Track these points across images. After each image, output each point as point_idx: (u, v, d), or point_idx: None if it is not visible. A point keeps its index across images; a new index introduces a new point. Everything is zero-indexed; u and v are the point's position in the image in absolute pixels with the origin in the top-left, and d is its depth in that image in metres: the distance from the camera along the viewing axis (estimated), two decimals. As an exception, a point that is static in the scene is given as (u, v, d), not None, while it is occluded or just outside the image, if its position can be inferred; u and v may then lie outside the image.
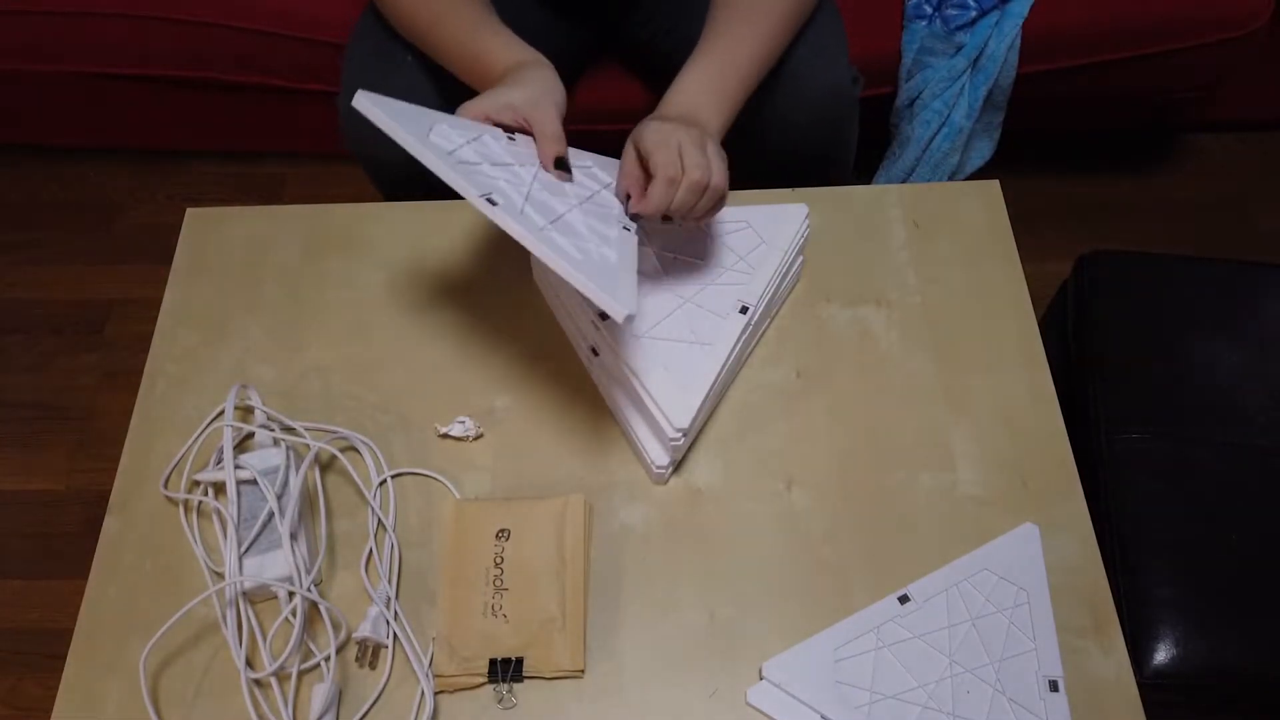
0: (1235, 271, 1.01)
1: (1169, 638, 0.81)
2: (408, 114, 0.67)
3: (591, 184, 0.72)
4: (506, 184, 0.66)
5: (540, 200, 0.67)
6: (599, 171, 0.75)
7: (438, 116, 0.68)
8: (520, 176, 0.68)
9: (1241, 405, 0.92)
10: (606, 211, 0.71)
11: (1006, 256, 0.84)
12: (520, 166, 0.69)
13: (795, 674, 0.65)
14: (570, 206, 0.68)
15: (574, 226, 0.67)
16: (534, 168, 0.70)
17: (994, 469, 0.74)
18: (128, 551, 0.71)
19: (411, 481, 0.74)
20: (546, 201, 0.67)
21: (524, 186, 0.67)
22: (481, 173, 0.65)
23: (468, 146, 0.67)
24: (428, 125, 0.67)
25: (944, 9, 1.26)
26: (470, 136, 0.68)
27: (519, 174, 0.68)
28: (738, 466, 0.74)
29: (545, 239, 0.63)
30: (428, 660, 0.66)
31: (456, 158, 0.65)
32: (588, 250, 0.65)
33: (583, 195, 0.71)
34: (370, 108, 0.65)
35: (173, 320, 0.82)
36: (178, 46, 1.31)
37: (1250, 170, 1.58)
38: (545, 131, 0.71)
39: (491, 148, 0.68)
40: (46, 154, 1.63)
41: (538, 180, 0.69)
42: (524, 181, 0.68)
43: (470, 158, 0.66)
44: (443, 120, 0.68)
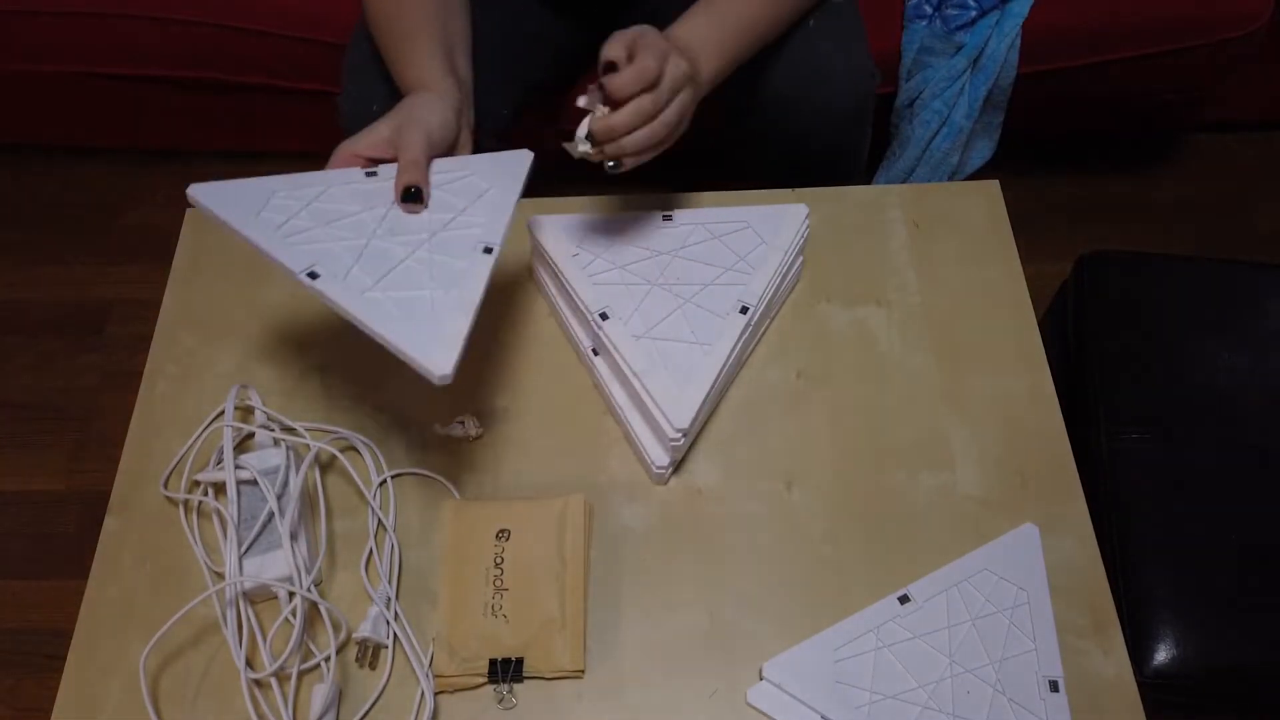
0: (1235, 271, 1.01)
1: (1169, 638, 0.81)
2: (245, 193, 0.66)
3: (457, 201, 0.69)
4: (341, 243, 0.65)
5: (379, 250, 0.65)
6: (476, 180, 0.71)
7: (277, 185, 0.67)
8: (364, 224, 0.67)
9: (1241, 405, 0.92)
10: (464, 236, 0.67)
11: (1006, 256, 0.84)
12: (368, 210, 0.67)
13: (795, 674, 0.65)
14: (415, 246, 0.66)
15: (412, 273, 0.65)
16: (384, 207, 0.68)
17: (994, 469, 0.74)
18: (128, 551, 0.71)
19: (411, 481, 0.74)
20: (386, 250, 0.66)
21: (365, 235, 0.66)
22: (311, 239, 0.65)
23: (305, 211, 0.66)
24: (265, 199, 0.66)
25: (944, 9, 1.26)
26: (312, 195, 0.67)
27: (363, 221, 0.67)
28: (738, 466, 0.74)
29: (365, 302, 0.63)
30: (428, 660, 0.66)
31: (286, 230, 0.65)
32: (416, 301, 0.63)
33: (438, 224, 0.68)
34: (199, 199, 0.65)
35: (173, 320, 0.82)
36: (178, 46, 1.31)
37: (1250, 170, 1.58)
38: (401, 161, 0.68)
39: (337, 199, 0.67)
40: (46, 154, 1.63)
41: (387, 220, 0.67)
42: (367, 229, 0.66)
43: (304, 224, 0.66)
44: (281, 189, 0.67)
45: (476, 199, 0.70)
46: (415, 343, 0.61)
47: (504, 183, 0.71)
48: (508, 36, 0.95)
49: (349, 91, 0.89)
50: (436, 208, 0.69)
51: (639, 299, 0.74)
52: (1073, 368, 0.99)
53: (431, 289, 0.64)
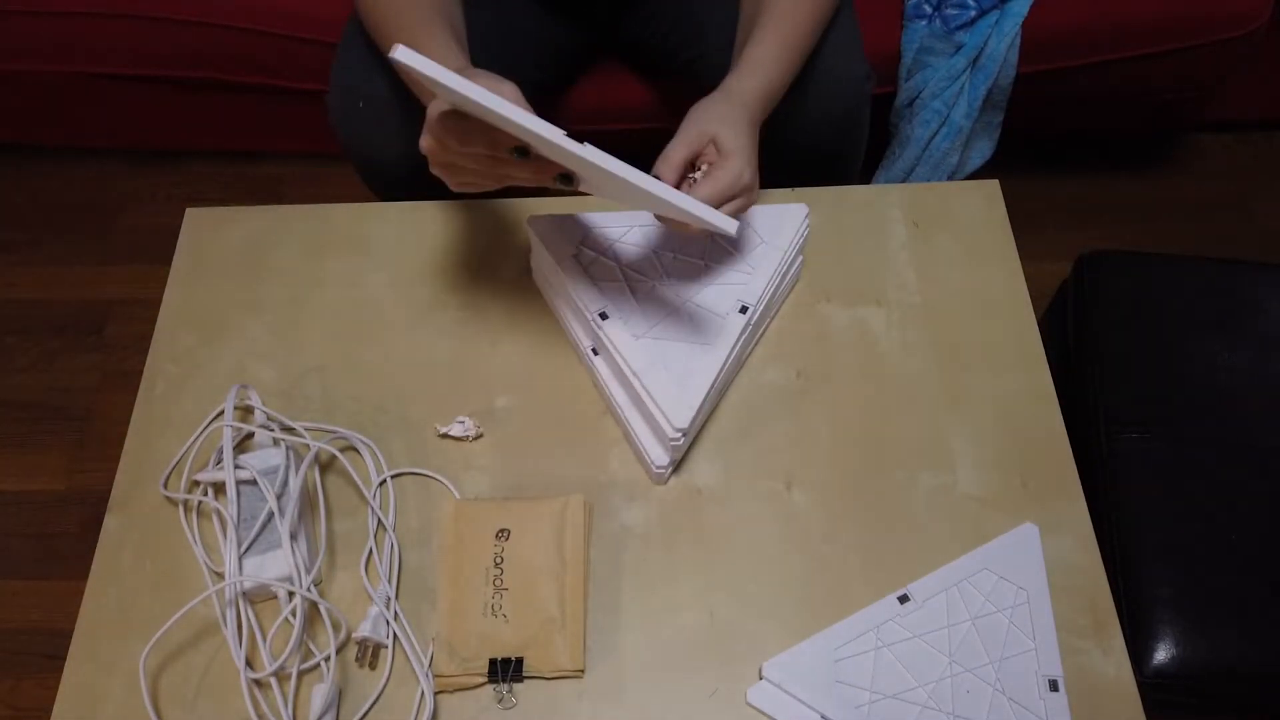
0: (1235, 271, 1.01)
1: (1169, 638, 0.81)
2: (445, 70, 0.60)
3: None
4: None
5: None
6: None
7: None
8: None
9: (1241, 405, 0.92)
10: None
11: (1006, 256, 0.84)
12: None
13: (795, 674, 0.65)
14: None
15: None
16: None
17: (994, 469, 0.74)
18: (128, 551, 0.71)
19: (411, 481, 0.74)
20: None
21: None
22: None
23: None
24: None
25: (944, 8, 1.26)
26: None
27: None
28: (738, 466, 0.74)
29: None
30: (428, 660, 0.66)
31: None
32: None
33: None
34: (409, 59, 0.57)
35: (172, 320, 0.82)
36: (178, 46, 1.31)
37: (1250, 170, 1.58)
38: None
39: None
40: (46, 154, 1.63)
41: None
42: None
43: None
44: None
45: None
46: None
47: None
48: (502, 35, 0.95)
49: (336, 88, 0.89)
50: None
51: (639, 299, 0.74)
52: (1073, 368, 0.99)
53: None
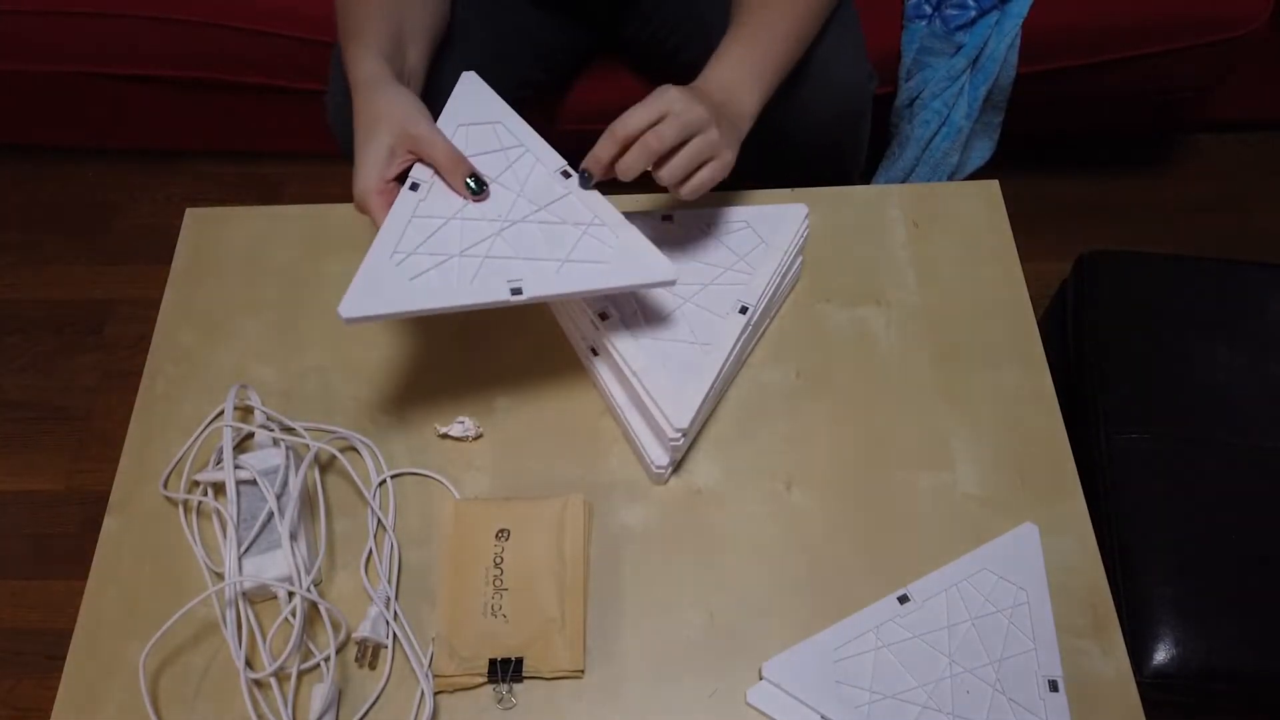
0: (1235, 271, 1.01)
1: (1169, 638, 0.81)
2: (375, 277, 0.63)
3: (499, 160, 0.70)
4: (483, 254, 0.65)
5: (517, 235, 0.66)
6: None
7: (381, 252, 0.64)
8: (472, 229, 0.66)
9: (1241, 405, 0.92)
10: (542, 181, 0.69)
11: (1006, 256, 0.84)
12: (460, 219, 0.66)
13: (795, 674, 0.65)
14: (527, 215, 0.67)
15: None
16: (460, 204, 0.67)
17: (994, 469, 0.74)
18: (127, 551, 0.71)
19: (411, 481, 0.74)
20: (520, 233, 0.66)
21: (486, 235, 0.66)
22: (471, 264, 0.64)
23: (423, 248, 0.65)
24: (396, 272, 0.64)
25: (944, 9, 1.26)
26: (420, 237, 0.65)
27: (468, 227, 0.66)
28: (738, 466, 0.74)
29: (568, 278, 0.65)
30: (427, 660, 0.66)
31: (463, 276, 0.64)
32: (586, 246, 0.66)
33: (516, 189, 0.68)
34: (358, 313, 0.62)
35: (173, 320, 0.82)
36: (178, 46, 1.31)
37: (1250, 170, 1.58)
38: (439, 159, 0.67)
39: (434, 223, 0.66)
40: (46, 154, 1.63)
41: (469, 212, 0.67)
42: (482, 231, 0.66)
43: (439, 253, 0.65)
44: (388, 250, 0.64)
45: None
46: (632, 276, 0.66)
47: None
48: (501, 35, 0.95)
49: (334, 88, 0.89)
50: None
51: (639, 299, 0.74)
52: (1073, 368, 0.99)
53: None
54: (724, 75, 0.72)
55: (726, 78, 0.72)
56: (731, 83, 0.72)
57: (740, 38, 0.74)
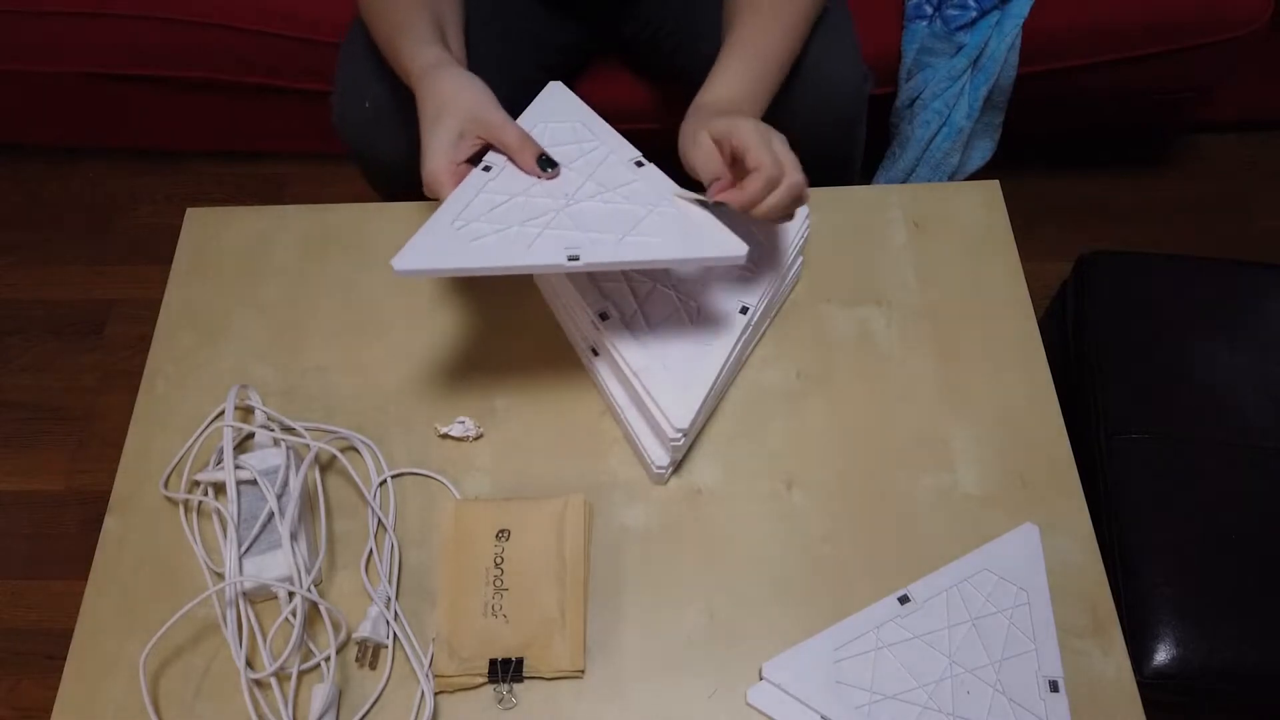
0: (1235, 271, 1.01)
1: (1169, 638, 0.81)
2: (435, 236, 0.65)
3: (572, 151, 0.71)
4: (544, 225, 0.66)
5: (580, 212, 0.67)
6: (552, 128, 0.73)
7: (445, 216, 0.66)
8: (537, 204, 0.67)
9: (1241, 405, 0.92)
10: (613, 169, 0.70)
11: (1006, 256, 0.84)
12: (526, 196, 0.68)
13: (795, 674, 0.65)
14: (594, 195, 0.68)
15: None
16: (528, 182, 0.68)
17: (994, 469, 0.74)
18: (128, 551, 0.71)
19: (411, 481, 0.74)
20: (584, 211, 0.67)
21: (549, 209, 0.67)
22: (531, 231, 0.66)
23: (486, 218, 0.66)
24: (456, 235, 0.65)
25: (944, 9, 1.26)
26: (484, 209, 0.66)
27: (533, 203, 0.67)
28: (738, 466, 0.74)
29: (628, 248, 0.65)
30: (428, 660, 0.66)
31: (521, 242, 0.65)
32: (651, 223, 0.67)
33: (586, 173, 0.69)
34: (412, 265, 0.63)
35: (173, 320, 0.82)
36: (178, 46, 1.31)
37: (1250, 170, 1.58)
38: (509, 141, 0.68)
39: (500, 198, 0.67)
40: (46, 154, 1.63)
41: (536, 192, 0.68)
42: (546, 206, 0.67)
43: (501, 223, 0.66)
44: (452, 215, 0.66)
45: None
46: (703, 249, 0.66)
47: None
48: (501, 34, 0.95)
49: (340, 88, 0.89)
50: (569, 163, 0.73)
51: (639, 299, 0.74)
52: (1073, 368, 0.99)
53: (647, 210, 0.68)
54: (726, 91, 0.73)
55: (727, 95, 0.72)
56: (734, 98, 0.72)
57: (736, 52, 0.75)
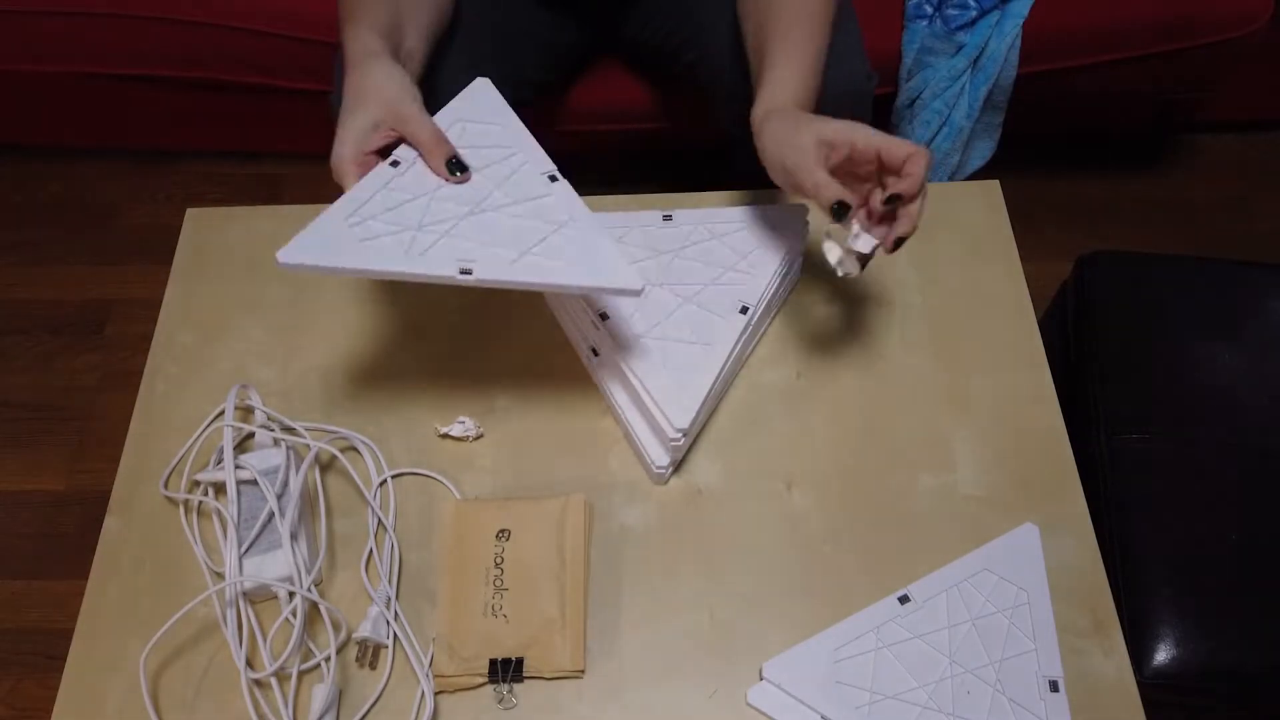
0: (1235, 271, 1.01)
1: (1169, 638, 0.81)
2: (326, 232, 0.63)
3: (487, 155, 0.68)
4: (442, 232, 0.64)
5: (483, 223, 0.65)
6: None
7: (340, 211, 0.64)
8: (440, 208, 0.65)
9: (1241, 405, 0.92)
10: (525, 180, 0.67)
11: (1006, 256, 0.84)
12: (430, 198, 0.66)
13: (795, 674, 0.65)
14: (501, 205, 0.66)
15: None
16: (436, 183, 0.66)
17: (994, 469, 0.74)
18: (128, 551, 0.71)
19: (411, 481, 0.74)
20: (487, 221, 0.65)
21: (451, 216, 0.65)
22: (428, 238, 0.63)
23: (384, 217, 0.64)
24: (349, 232, 0.63)
25: (944, 9, 1.26)
26: (383, 207, 0.64)
27: (437, 206, 0.65)
28: (738, 466, 0.74)
29: (525, 268, 0.63)
30: (428, 660, 0.66)
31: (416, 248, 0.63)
32: (553, 243, 0.64)
33: (496, 181, 0.67)
34: (296, 260, 0.62)
35: (173, 320, 0.82)
36: (177, 46, 1.31)
37: (1250, 170, 1.58)
38: (422, 138, 0.66)
39: (403, 197, 0.65)
40: (46, 154, 1.63)
41: (442, 194, 0.66)
42: (449, 212, 0.65)
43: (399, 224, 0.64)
44: (348, 210, 0.64)
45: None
46: (598, 277, 0.64)
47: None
48: (502, 35, 0.95)
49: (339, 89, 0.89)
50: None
51: (639, 299, 0.74)
52: (1073, 368, 0.99)
53: (553, 231, 0.66)
54: (791, 94, 0.70)
55: (793, 96, 0.70)
56: (800, 98, 0.71)
57: (788, 51, 0.72)
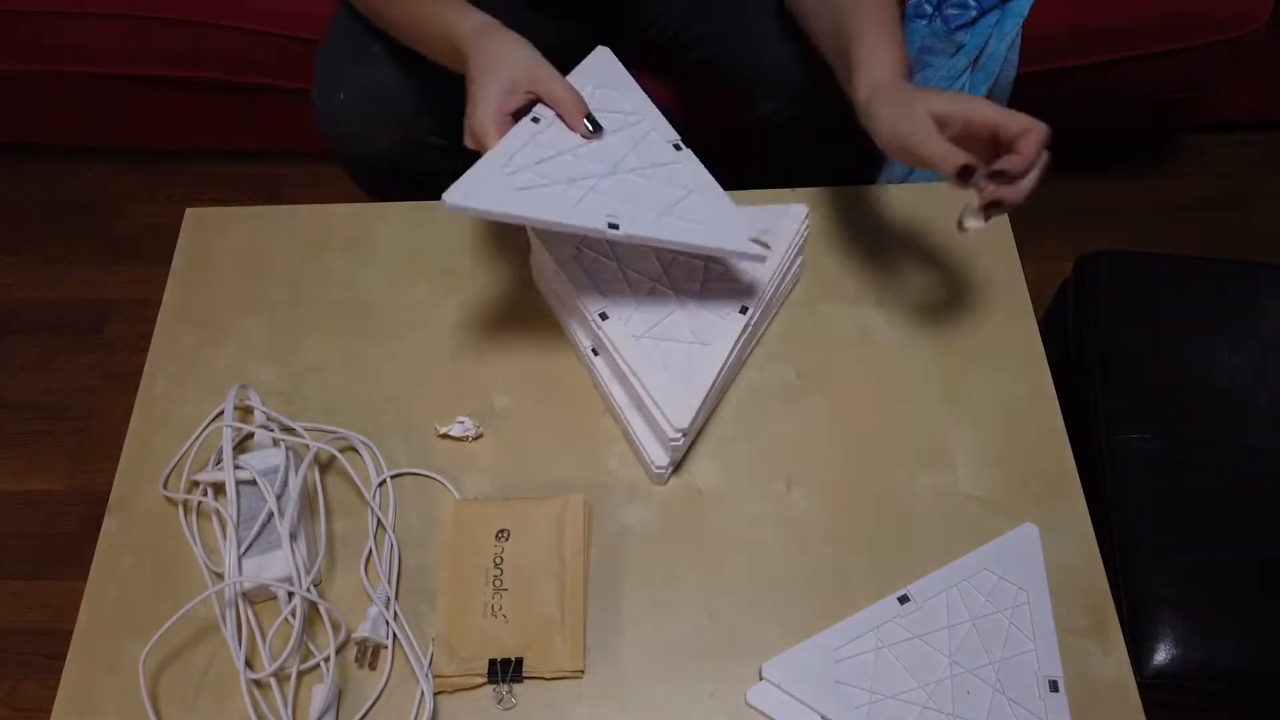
0: (1235, 271, 1.01)
1: (1169, 638, 0.81)
2: (485, 178, 0.65)
3: (616, 119, 0.72)
4: (588, 188, 0.67)
5: (623, 183, 0.69)
6: (598, 92, 0.74)
7: (495, 160, 0.66)
8: (581, 165, 0.69)
9: (1241, 405, 0.92)
10: (654, 147, 0.72)
11: (1006, 256, 0.84)
12: (572, 155, 0.69)
13: (795, 674, 0.65)
14: (636, 168, 0.70)
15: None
16: (574, 142, 0.70)
17: (994, 469, 0.74)
18: (127, 551, 0.71)
19: (411, 481, 0.74)
20: (626, 182, 0.69)
21: (594, 173, 0.69)
22: (576, 192, 0.67)
23: (534, 169, 0.67)
24: (506, 180, 0.66)
25: (944, 8, 1.25)
26: (532, 159, 0.67)
27: (578, 163, 0.69)
28: (738, 466, 0.74)
29: (664, 227, 0.67)
30: (427, 661, 0.66)
31: (567, 199, 0.66)
32: (688, 206, 0.69)
33: (629, 145, 0.71)
34: (464, 202, 0.64)
35: (173, 320, 0.82)
36: (177, 46, 1.31)
37: (1250, 170, 1.58)
38: (561, 96, 0.69)
39: (547, 152, 0.68)
40: (46, 154, 1.62)
41: (582, 153, 0.69)
42: (590, 170, 0.69)
43: (548, 177, 0.67)
44: (502, 160, 0.66)
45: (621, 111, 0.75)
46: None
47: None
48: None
49: (319, 84, 0.90)
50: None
51: (639, 299, 0.74)
52: (1073, 368, 0.99)
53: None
54: (891, 71, 0.70)
55: (893, 72, 0.70)
56: (901, 71, 0.70)
57: (873, 28, 0.71)
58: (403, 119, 0.88)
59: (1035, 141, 0.63)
